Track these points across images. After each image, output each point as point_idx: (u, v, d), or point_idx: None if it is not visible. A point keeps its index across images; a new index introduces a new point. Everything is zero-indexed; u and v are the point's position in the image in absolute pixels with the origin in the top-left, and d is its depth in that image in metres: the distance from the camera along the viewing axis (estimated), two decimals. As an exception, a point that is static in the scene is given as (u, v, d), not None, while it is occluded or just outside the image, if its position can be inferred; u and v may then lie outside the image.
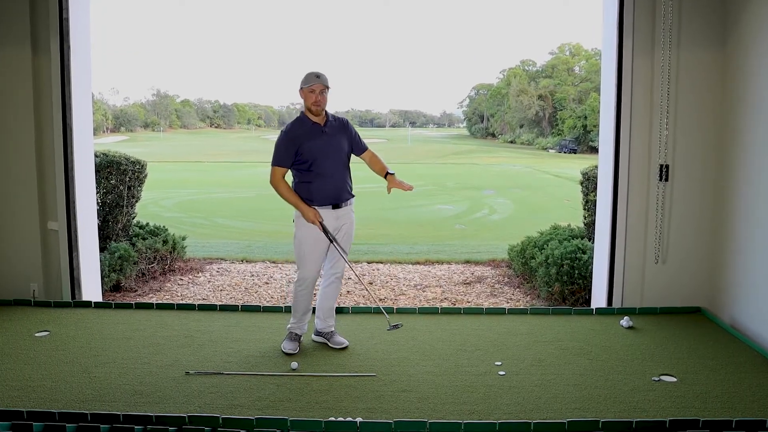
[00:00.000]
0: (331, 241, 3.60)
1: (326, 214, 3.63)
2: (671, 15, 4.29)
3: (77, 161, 4.72)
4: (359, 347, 3.83)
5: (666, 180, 4.45)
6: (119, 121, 67.06)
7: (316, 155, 3.58)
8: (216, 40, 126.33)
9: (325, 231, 3.58)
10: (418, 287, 6.38)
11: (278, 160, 3.60)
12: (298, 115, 3.71)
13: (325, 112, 3.65)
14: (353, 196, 3.78)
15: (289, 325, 3.84)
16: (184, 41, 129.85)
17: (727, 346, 3.84)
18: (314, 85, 3.53)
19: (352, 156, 3.81)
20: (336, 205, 3.65)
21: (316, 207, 3.61)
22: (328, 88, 3.59)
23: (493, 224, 12.74)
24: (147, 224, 6.77)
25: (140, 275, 6.19)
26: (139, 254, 6.11)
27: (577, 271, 5.38)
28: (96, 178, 5.26)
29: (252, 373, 3.41)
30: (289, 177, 3.72)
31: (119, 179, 6.19)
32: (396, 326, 3.72)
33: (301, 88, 3.59)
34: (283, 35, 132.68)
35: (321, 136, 3.60)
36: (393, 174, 3.71)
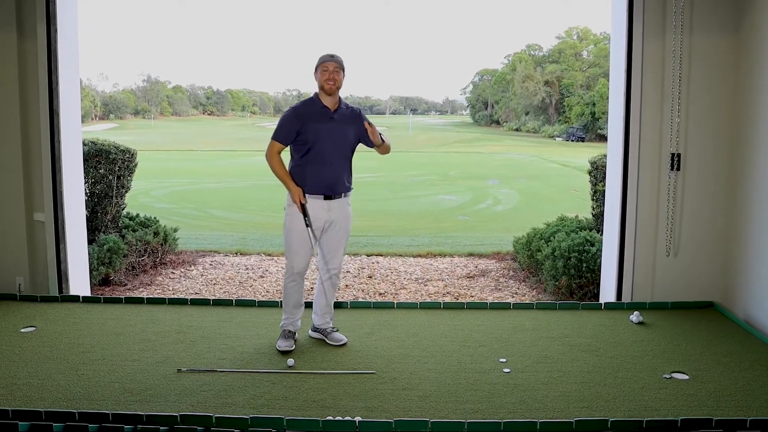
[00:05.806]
0: (307, 225, 3.56)
1: (317, 204, 3.57)
2: (683, -2, 4.22)
3: (65, 150, 4.63)
4: (358, 344, 3.78)
5: (678, 169, 4.40)
6: (108, 108, 66.83)
7: (317, 139, 3.54)
8: (209, 23, 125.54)
9: (304, 212, 3.54)
10: (420, 281, 6.35)
11: (278, 135, 3.60)
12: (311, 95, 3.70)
13: (339, 99, 3.64)
14: (350, 189, 3.71)
15: (281, 323, 3.77)
16: (176, 25, 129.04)
17: (741, 343, 3.80)
18: (327, 63, 3.55)
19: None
20: (328, 197, 3.59)
21: (307, 195, 3.57)
22: (343, 69, 3.59)
23: (498, 215, 12.73)
24: (137, 215, 6.73)
25: (130, 268, 6.14)
26: (129, 247, 6.07)
27: (585, 264, 5.35)
28: (84, 168, 5.20)
29: (246, 371, 3.36)
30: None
31: (108, 168, 6.13)
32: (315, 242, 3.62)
33: (315, 69, 3.61)
34: (280, 18, 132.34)
35: (328, 121, 3.58)
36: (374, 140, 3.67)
